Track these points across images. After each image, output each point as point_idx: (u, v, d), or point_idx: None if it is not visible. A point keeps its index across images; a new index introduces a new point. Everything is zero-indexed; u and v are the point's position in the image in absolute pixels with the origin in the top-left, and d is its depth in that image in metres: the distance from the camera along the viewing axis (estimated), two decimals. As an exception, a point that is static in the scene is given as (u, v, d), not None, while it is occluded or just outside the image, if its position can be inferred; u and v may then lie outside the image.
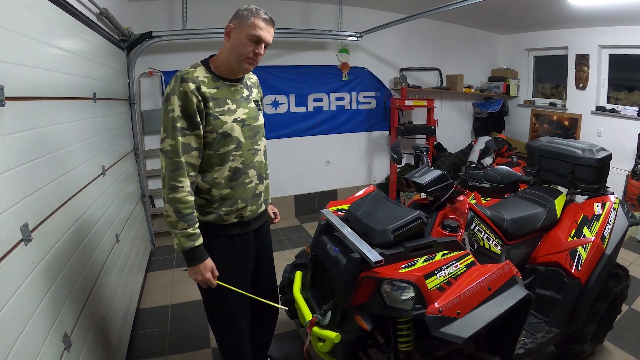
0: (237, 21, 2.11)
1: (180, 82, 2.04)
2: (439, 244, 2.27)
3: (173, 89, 2.04)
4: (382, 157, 7.30)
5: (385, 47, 6.84)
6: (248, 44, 2.11)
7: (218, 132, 2.14)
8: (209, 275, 2.16)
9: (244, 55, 2.13)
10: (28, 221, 1.82)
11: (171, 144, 2.03)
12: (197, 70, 2.14)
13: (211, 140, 2.14)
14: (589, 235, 2.79)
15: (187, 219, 2.06)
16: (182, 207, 2.05)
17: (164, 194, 2.08)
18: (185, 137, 2.05)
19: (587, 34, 6.12)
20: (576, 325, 2.75)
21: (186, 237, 2.07)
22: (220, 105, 2.15)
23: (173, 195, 2.04)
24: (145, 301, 4.17)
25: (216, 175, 2.19)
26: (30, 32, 2.11)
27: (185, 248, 2.09)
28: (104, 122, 3.59)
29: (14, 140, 1.80)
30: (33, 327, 1.74)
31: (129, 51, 5.05)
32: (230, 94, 2.22)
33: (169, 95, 2.05)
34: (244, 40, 2.10)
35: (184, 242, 2.07)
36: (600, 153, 2.98)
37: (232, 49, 2.14)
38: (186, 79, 2.05)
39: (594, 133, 6.17)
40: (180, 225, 2.05)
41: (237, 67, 2.20)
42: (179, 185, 2.04)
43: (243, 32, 2.09)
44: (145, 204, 5.40)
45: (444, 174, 2.53)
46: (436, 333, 1.97)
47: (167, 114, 2.05)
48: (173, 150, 2.03)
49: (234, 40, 2.13)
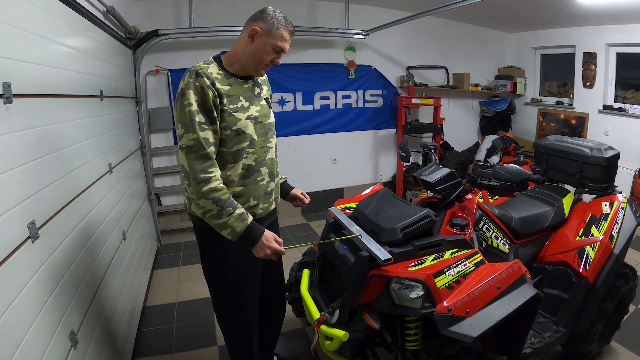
0: (265, 26, 2.07)
1: (195, 77, 2.00)
2: (447, 243, 2.26)
3: (188, 84, 1.99)
4: (389, 155, 7.28)
5: (392, 45, 6.82)
6: (271, 53, 2.12)
7: (232, 129, 2.10)
8: (275, 245, 2.10)
9: (264, 61, 2.14)
10: (35, 218, 1.82)
11: (193, 138, 1.96)
12: (211, 67, 2.09)
13: (225, 137, 2.09)
14: (597, 234, 2.77)
15: (229, 204, 2.01)
16: (220, 195, 1.99)
17: (195, 191, 1.99)
18: (204, 132, 1.99)
19: (594, 32, 6.08)
20: (584, 325, 2.74)
21: (236, 220, 2.01)
22: (234, 102, 2.11)
23: (207, 187, 1.97)
24: (152, 299, 4.18)
25: (229, 173, 2.15)
26: (37, 29, 2.11)
27: (240, 232, 2.02)
28: (111, 120, 3.60)
29: (21, 137, 1.80)
30: (40, 325, 1.74)
31: (136, 49, 5.06)
32: (243, 91, 2.19)
33: (184, 90, 1.99)
34: (268, 49, 2.10)
35: (237, 226, 2.01)
36: (609, 152, 2.96)
37: (254, 53, 2.12)
38: (201, 74, 2.01)
39: (601, 132, 6.14)
40: (225, 212, 1.99)
41: (253, 70, 2.19)
42: (210, 175, 1.98)
43: (270, 41, 2.08)
44: (151, 202, 5.42)
45: (452, 172, 2.52)
46: (445, 332, 1.96)
47: (184, 108, 1.98)
48: (197, 144, 1.96)
49: (257, 46, 2.10)
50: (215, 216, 2.00)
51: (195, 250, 5.35)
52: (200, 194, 1.97)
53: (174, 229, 6.00)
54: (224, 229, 2.02)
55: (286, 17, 2.11)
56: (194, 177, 1.96)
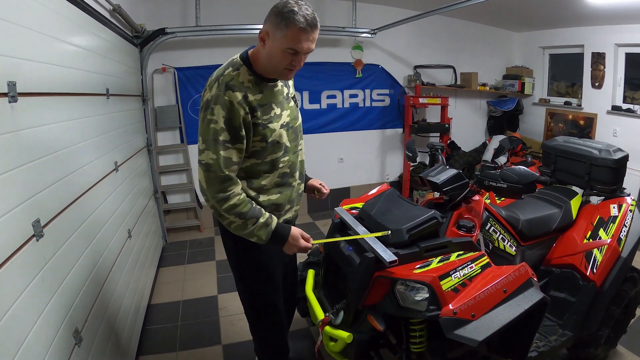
0: (271, 27, 1.83)
1: (225, 90, 1.85)
2: (454, 245, 2.24)
3: (217, 98, 1.85)
4: (396, 155, 7.26)
5: (399, 44, 6.79)
6: (286, 57, 1.88)
7: (268, 141, 2.01)
8: (302, 243, 2.08)
9: (281, 66, 1.92)
10: (40, 217, 1.82)
11: (212, 159, 1.86)
12: (241, 74, 1.93)
13: (260, 150, 2.01)
14: (605, 237, 2.74)
15: (252, 213, 1.96)
16: (241, 208, 1.93)
17: (214, 208, 1.94)
18: (227, 151, 1.88)
19: (603, 32, 6.02)
20: (590, 328, 2.72)
21: (262, 227, 1.98)
22: (267, 112, 1.99)
23: (227, 205, 1.91)
24: (157, 297, 4.19)
25: (264, 183, 2.10)
26: (43, 28, 2.11)
27: (267, 239, 2.00)
28: (117, 118, 3.61)
29: (26, 136, 1.80)
30: (44, 322, 1.74)
31: (142, 47, 5.07)
32: (274, 96, 2.06)
33: (211, 103, 1.86)
34: (277, 53, 1.87)
35: (263, 233, 1.99)
36: (617, 153, 2.93)
37: (268, 58, 1.91)
38: (232, 86, 1.87)
39: (609, 133, 6.08)
40: (249, 222, 1.95)
41: (276, 76, 2.03)
42: (229, 193, 1.91)
43: (277, 43, 1.84)
44: (157, 200, 5.44)
45: (459, 173, 2.50)
46: (450, 335, 1.95)
47: (207, 124, 1.86)
48: (216, 165, 1.86)
49: (269, 50, 1.88)
50: (239, 227, 1.97)
51: (200, 249, 5.38)
52: (221, 210, 1.93)
53: (180, 227, 6.02)
54: (251, 237, 2.00)
55: (297, 11, 1.78)
56: (212, 196, 1.91)
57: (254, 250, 2.19)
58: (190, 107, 5.82)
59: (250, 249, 2.18)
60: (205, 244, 5.59)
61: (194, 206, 6.04)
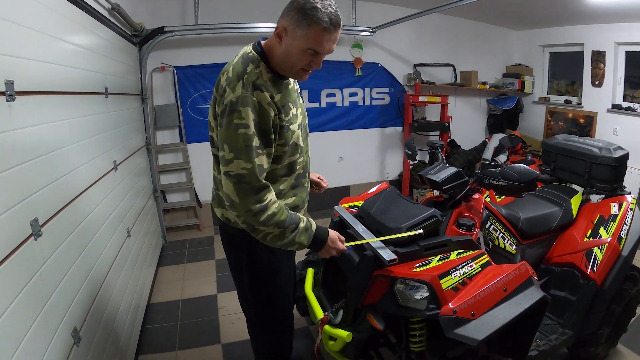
0: (290, 24, 1.69)
1: (252, 90, 1.69)
2: (453, 243, 2.23)
3: (244, 99, 1.67)
4: (395, 153, 7.26)
5: (399, 42, 6.78)
6: (303, 58, 1.75)
7: (290, 145, 1.88)
8: (340, 245, 2.02)
9: (298, 67, 1.79)
10: (38, 216, 1.81)
11: (247, 168, 1.68)
12: (262, 72, 1.77)
13: (282, 154, 1.88)
14: (605, 235, 2.73)
15: (290, 219, 1.81)
16: (279, 216, 1.77)
17: (249, 221, 1.74)
18: (259, 158, 1.72)
19: (603, 30, 6.00)
20: (591, 327, 2.71)
21: (303, 232, 1.86)
22: (287, 113, 1.85)
23: (266, 215, 1.73)
24: (156, 296, 4.18)
25: (282, 187, 1.99)
26: (41, 27, 2.10)
27: (309, 242, 1.90)
28: (116, 117, 3.60)
29: (24, 135, 1.79)
30: (42, 322, 1.73)
31: (141, 46, 5.06)
32: (289, 95, 1.92)
33: (237, 105, 1.67)
34: (295, 52, 1.73)
35: (305, 238, 1.87)
36: (618, 152, 2.92)
37: (284, 57, 1.77)
38: (259, 86, 1.71)
39: (609, 131, 6.06)
40: (288, 230, 1.80)
41: (290, 75, 1.87)
42: (266, 202, 1.74)
43: (297, 42, 1.70)
44: (157, 199, 5.43)
45: (459, 171, 2.49)
46: (450, 334, 1.94)
47: (236, 129, 1.67)
48: (251, 175, 1.69)
49: (286, 48, 1.74)
50: (278, 237, 1.80)
51: (200, 248, 5.38)
52: (258, 223, 1.74)
53: (180, 226, 6.01)
54: (291, 246, 1.86)
55: (321, 9, 1.63)
56: (247, 210, 1.71)
57: (269, 255, 2.08)
58: (190, 105, 5.81)
59: (266, 254, 2.07)
60: (205, 243, 5.59)
61: (194, 205, 6.03)
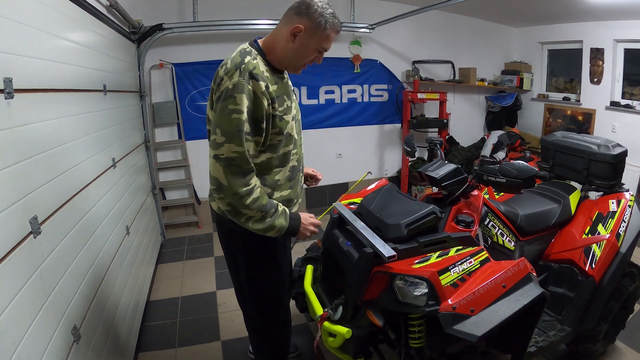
0: (310, 25, 1.88)
1: (249, 79, 1.80)
2: (453, 240, 2.23)
3: (240, 86, 1.78)
4: (394, 150, 7.27)
5: (398, 39, 6.78)
6: (314, 53, 1.98)
7: (284, 134, 2.00)
8: (315, 220, 2.17)
9: (305, 61, 2.00)
10: (37, 214, 1.81)
11: (237, 151, 1.80)
12: (259, 62, 1.89)
13: (276, 143, 1.99)
14: (604, 232, 2.74)
15: (270, 205, 1.95)
16: (262, 201, 1.91)
17: (234, 204, 1.87)
18: (247, 143, 1.83)
19: (602, 27, 6.01)
20: (589, 324, 2.71)
21: (281, 216, 1.99)
22: (281, 104, 1.96)
23: (251, 198, 1.86)
24: (156, 293, 4.19)
25: (277, 178, 2.09)
26: (39, 24, 2.10)
27: (287, 223, 2.02)
28: (114, 115, 3.59)
29: (23, 132, 1.79)
30: (42, 320, 1.73)
31: (140, 43, 5.06)
32: (285, 88, 2.05)
33: (234, 92, 1.78)
34: (311, 50, 1.95)
35: (282, 222, 2.00)
36: (616, 149, 2.92)
37: (295, 53, 1.95)
38: (255, 75, 1.82)
39: (608, 128, 6.08)
40: (269, 214, 1.94)
41: (291, 69, 2.06)
42: (252, 186, 1.87)
43: (314, 41, 1.92)
44: (156, 196, 5.43)
45: (458, 168, 2.49)
46: (449, 330, 1.94)
47: (229, 114, 1.78)
48: (241, 158, 1.81)
49: (300, 45, 1.92)
50: (259, 220, 1.93)
51: (199, 245, 5.38)
52: (243, 206, 1.87)
53: (178, 223, 6.01)
54: (270, 230, 1.98)
55: (334, 15, 1.92)
56: (234, 192, 1.83)
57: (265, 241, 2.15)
58: (188, 103, 5.81)
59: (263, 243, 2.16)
60: (204, 240, 5.59)
61: (192, 202, 6.03)
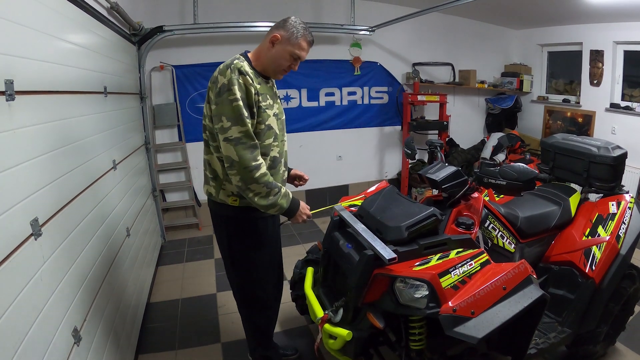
0: (285, 34, 2.26)
1: (238, 74, 2.14)
2: (453, 242, 2.24)
3: (232, 80, 2.12)
4: (394, 152, 7.26)
5: (398, 41, 6.78)
6: (288, 60, 2.32)
7: (265, 124, 2.30)
8: (309, 212, 2.50)
9: (281, 67, 2.34)
10: (38, 216, 1.81)
11: (243, 131, 2.14)
12: (245, 64, 2.22)
13: (259, 132, 2.28)
14: (604, 234, 2.74)
15: (274, 184, 2.26)
16: (268, 178, 2.23)
17: (245, 178, 2.17)
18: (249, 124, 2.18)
19: (602, 29, 6.02)
20: (589, 325, 2.72)
21: (283, 197, 2.31)
22: (264, 100, 2.29)
23: (260, 173, 2.18)
24: (156, 295, 4.18)
25: None
26: (40, 26, 2.10)
27: (288, 205, 2.35)
28: (115, 116, 3.60)
29: (24, 134, 1.79)
30: (42, 322, 1.73)
31: (140, 45, 5.06)
32: (268, 90, 2.37)
33: (229, 85, 2.12)
34: (285, 55, 2.29)
35: (285, 202, 2.32)
36: (616, 151, 2.92)
37: (273, 58, 2.31)
38: (243, 71, 2.16)
39: (608, 130, 6.09)
40: (273, 192, 2.25)
41: (272, 74, 2.40)
42: (260, 162, 2.20)
43: (287, 48, 2.27)
44: (156, 198, 5.43)
45: (458, 170, 2.49)
46: (450, 333, 1.95)
47: (230, 103, 2.12)
48: (247, 136, 2.15)
49: (276, 52, 2.29)
50: (265, 196, 2.23)
51: (199, 247, 5.38)
52: (253, 180, 2.17)
53: (179, 225, 6.01)
54: (273, 207, 2.29)
55: (306, 28, 2.30)
56: (246, 166, 2.15)
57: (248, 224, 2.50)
58: (189, 105, 5.82)
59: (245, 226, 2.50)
60: (204, 242, 5.59)
61: (193, 204, 6.03)
